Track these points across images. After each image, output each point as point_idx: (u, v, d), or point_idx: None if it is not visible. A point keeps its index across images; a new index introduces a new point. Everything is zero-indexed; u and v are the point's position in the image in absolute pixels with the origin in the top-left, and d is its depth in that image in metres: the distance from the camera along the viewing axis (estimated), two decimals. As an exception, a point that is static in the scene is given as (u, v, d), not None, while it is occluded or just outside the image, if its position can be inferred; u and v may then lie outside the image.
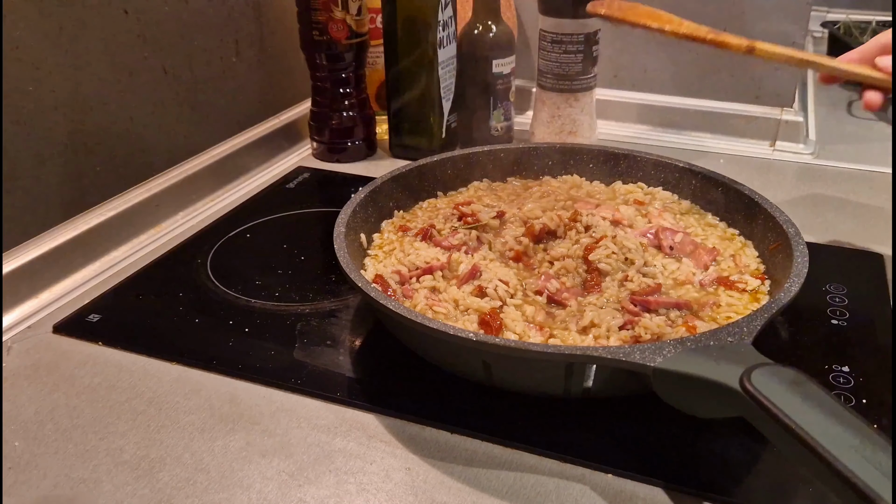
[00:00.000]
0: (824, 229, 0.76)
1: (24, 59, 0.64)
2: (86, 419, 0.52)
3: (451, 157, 0.76)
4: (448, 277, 0.62)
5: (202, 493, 0.46)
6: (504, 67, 0.91)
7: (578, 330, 0.55)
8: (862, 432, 0.38)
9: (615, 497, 0.46)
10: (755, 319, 0.49)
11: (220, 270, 0.70)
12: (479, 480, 0.47)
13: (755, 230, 0.65)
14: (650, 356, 0.46)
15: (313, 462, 0.49)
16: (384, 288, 0.59)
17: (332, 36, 0.87)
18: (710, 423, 0.50)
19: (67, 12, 0.67)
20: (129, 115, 0.75)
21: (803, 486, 0.46)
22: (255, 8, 0.90)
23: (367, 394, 0.54)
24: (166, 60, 0.79)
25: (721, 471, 0.48)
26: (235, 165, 0.89)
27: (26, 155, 0.66)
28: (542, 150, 0.78)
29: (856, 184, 0.87)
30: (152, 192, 0.78)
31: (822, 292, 0.65)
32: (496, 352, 0.49)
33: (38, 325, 0.63)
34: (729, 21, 0.98)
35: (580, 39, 0.86)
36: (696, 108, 1.01)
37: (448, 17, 0.88)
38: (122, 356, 0.59)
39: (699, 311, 0.57)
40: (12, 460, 0.49)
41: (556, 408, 0.52)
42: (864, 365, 0.56)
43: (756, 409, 0.41)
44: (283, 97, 0.99)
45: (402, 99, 0.92)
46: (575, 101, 0.90)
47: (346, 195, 0.69)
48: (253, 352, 0.59)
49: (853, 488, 0.36)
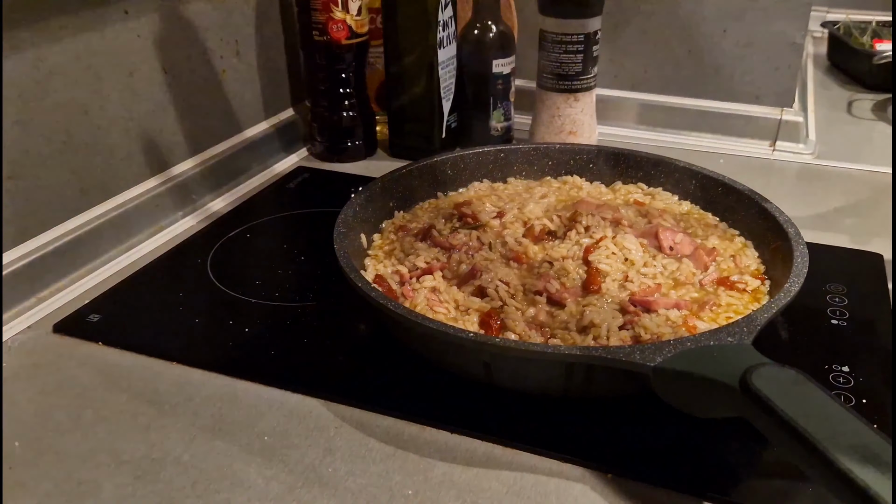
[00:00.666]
0: (824, 229, 0.76)
1: (24, 59, 0.64)
2: (86, 419, 0.52)
3: (451, 157, 0.76)
4: (448, 278, 0.62)
5: (202, 493, 0.46)
6: (504, 67, 0.91)
7: (578, 329, 0.55)
8: (862, 432, 0.38)
9: (615, 497, 0.46)
10: (755, 319, 0.49)
11: (220, 270, 0.70)
12: (479, 480, 0.47)
13: (755, 230, 0.65)
14: (650, 356, 0.46)
15: (313, 462, 0.49)
16: (385, 288, 0.59)
17: (332, 36, 0.87)
18: (710, 423, 0.50)
19: (68, 11, 0.67)
20: (129, 115, 0.75)
21: (803, 486, 0.46)
22: (255, 8, 0.90)
23: (368, 394, 0.54)
24: (166, 60, 0.79)
25: (721, 471, 0.48)
26: (235, 165, 0.89)
27: (26, 155, 0.66)
28: (542, 150, 0.78)
29: (856, 184, 0.87)
30: (152, 192, 0.78)
31: (822, 292, 0.65)
32: (496, 352, 0.49)
33: (38, 325, 0.63)
34: (729, 21, 0.98)
35: (580, 39, 0.86)
36: (696, 108, 1.01)
37: (448, 17, 0.88)
38: (122, 356, 0.59)
39: (699, 312, 0.57)
40: (12, 460, 0.49)
41: (556, 408, 0.52)
42: (864, 365, 0.56)
43: (756, 409, 0.41)
44: (283, 97, 0.99)
45: (402, 99, 0.92)
46: (575, 101, 0.90)
47: (346, 195, 0.69)
48: (253, 352, 0.59)
49: (853, 488, 0.36)
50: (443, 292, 0.59)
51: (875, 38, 1.22)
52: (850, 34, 1.24)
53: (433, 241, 0.66)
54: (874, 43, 1.20)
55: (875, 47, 1.19)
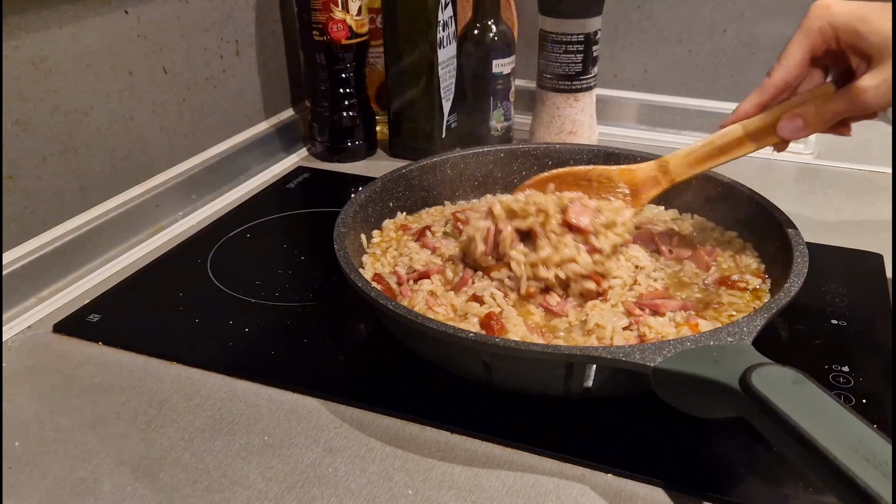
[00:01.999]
0: (824, 229, 0.76)
1: (24, 59, 0.64)
2: (86, 419, 0.52)
3: (451, 157, 0.76)
4: (445, 283, 0.61)
5: (202, 493, 0.46)
6: (504, 67, 0.91)
7: (584, 333, 0.55)
8: (862, 432, 0.38)
9: (615, 497, 0.46)
10: (755, 319, 0.49)
11: (220, 270, 0.70)
12: (479, 480, 0.47)
13: (755, 230, 0.65)
14: (650, 356, 0.46)
15: (313, 462, 0.49)
16: (383, 287, 0.59)
17: (332, 36, 0.87)
18: (710, 423, 0.50)
19: (68, 11, 0.67)
20: (129, 115, 0.75)
21: (803, 486, 0.46)
22: (255, 8, 0.90)
23: (367, 394, 0.54)
24: (166, 60, 0.79)
25: (721, 471, 0.47)
26: (235, 165, 0.89)
27: (26, 155, 0.66)
28: (542, 150, 0.78)
29: (856, 184, 0.87)
30: (152, 192, 0.78)
31: (822, 292, 0.64)
32: (496, 351, 0.49)
33: (38, 325, 0.63)
34: (729, 21, 0.98)
35: (580, 39, 0.86)
36: (696, 108, 1.01)
37: (448, 17, 0.88)
38: (122, 356, 0.59)
39: (703, 311, 0.57)
40: (12, 460, 0.49)
41: (556, 408, 0.52)
42: (864, 365, 0.56)
43: (756, 409, 0.41)
44: (283, 97, 0.99)
45: (402, 99, 0.92)
46: (575, 101, 0.90)
47: (346, 195, 0.69)
48: (253, 352, 0.59)
49: (853, 488, 0.36)
50: (440, 297, 0.59)
51: (875, 38, 1.21)
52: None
53: (423, 243, 0.66)
54: (874, 43, 1.20)
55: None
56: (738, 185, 0.68)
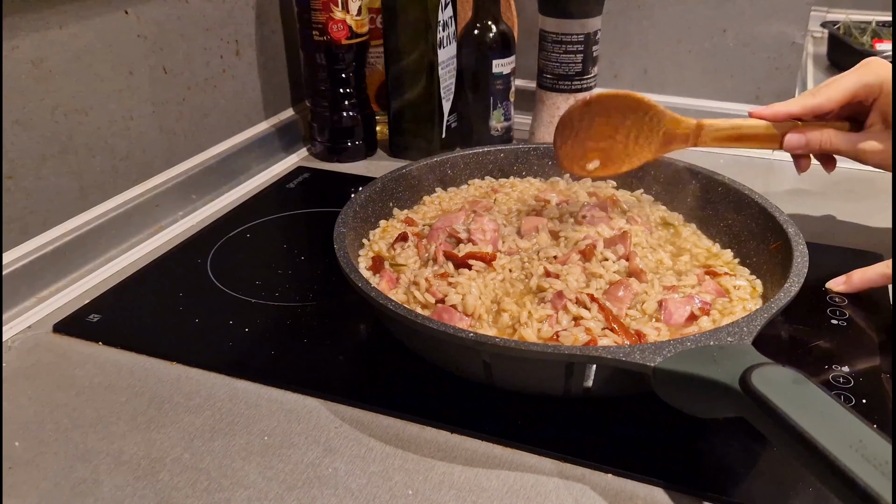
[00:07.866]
0: (824, 229, 0.76)
1: (24, 59, 0.64)
2: (86, 419, 0.52)
3: (451, 157, 0.76)
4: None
5: (202, 493, 0.46)
6: (504, 67, 0.91)
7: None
8: (862, 432, 0.38)
9: (615, 497, 0.46)
10: (755, 319, 0.49)
11: (220, 270, 0.70)
12: (479, 480, 0.47)
13: (755, 230, 0.65)
14: (650, 356, 0.46)
15: (313, 462, 0.49)
16: (379, 268, 0.60)
17: (332, 36, 0.87)
18: (710, 423, 0.50)
19: (68, 11, 0.67)
20: (128, 115, 0.75)
21: (803, 486, 0.46)
22: (255, 8, 0.90)
23: (367, 394, 0.54)
24: (166, 60, 0.79)
25: (721, 471, 0.47)
26: (235, 165, 0.89)
27: (26, 155, 0.66)
28: (541, 150, 0.78)
29: (856, 184, 0.87)
30: (152, 192, 0.78)
31: (822, 292, 0.65)
32: (496, 351, 0.49)
33: (38, 325, 0.63)
34: (729, 21, 0.98)
35: (580, 39, 0.86)
36: (696, 108, 1.00)
37: (448, 17, 0.88)
38: (122, 356, 0.59)
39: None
40: (12, 460, 0.49)
41: (556, 408, 0.52)
42: (864, 365, 0.56)
43: (756, 409, 0.41)
44: (283, 97, 0.99)
45: (402, 99, 0.92)
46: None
47: (346, 195, 0.69)
48: (253, 352, 0.59)
49: (853, 488, 0.36)
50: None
51: (875, 39, 1.22)
52: (850, 34, 1.24)
53: (383, 273, 0.62)
54: (874, 43, 1.20)
55: (875, 47, 1.19)
56: (738, 185, 0.68)
